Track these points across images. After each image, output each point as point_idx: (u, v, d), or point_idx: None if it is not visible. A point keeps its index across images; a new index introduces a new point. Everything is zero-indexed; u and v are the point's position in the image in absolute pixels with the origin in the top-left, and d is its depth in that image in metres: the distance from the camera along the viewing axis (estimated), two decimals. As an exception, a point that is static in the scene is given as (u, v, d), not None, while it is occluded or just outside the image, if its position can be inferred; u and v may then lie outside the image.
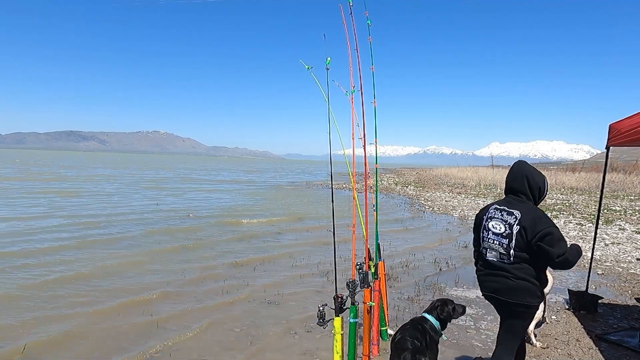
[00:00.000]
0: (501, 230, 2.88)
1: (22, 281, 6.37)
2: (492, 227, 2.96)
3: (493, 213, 3.00)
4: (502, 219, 2.91)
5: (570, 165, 59.24)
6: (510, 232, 2.83)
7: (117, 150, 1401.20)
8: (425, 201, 20.55)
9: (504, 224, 2.88)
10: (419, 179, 39.87)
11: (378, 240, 4.56)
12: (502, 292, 2.89)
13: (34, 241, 9.02)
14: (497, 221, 2.94)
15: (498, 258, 2.90)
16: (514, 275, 2.83)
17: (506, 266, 2.87)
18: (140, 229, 11.01)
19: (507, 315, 2.99)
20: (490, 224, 2.97)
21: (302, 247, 9.51)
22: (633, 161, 41.68)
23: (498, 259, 2.90)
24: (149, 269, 7.37)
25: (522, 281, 2.83)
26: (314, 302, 5.58)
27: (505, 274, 2.87)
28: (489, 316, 5.51)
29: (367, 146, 4.06)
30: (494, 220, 2.96)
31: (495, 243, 2.91)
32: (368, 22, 4.11)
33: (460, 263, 8.44)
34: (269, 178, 41.94)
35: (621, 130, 4.81)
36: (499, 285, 2.91)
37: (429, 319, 3.39)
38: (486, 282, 3.03)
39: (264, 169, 74.55)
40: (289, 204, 18.46)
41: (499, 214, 2.95)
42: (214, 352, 4.37)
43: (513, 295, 2.85)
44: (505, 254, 2.86)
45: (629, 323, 5.27)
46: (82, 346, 4.42)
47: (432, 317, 3.41)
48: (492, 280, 2.96)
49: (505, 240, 2.86)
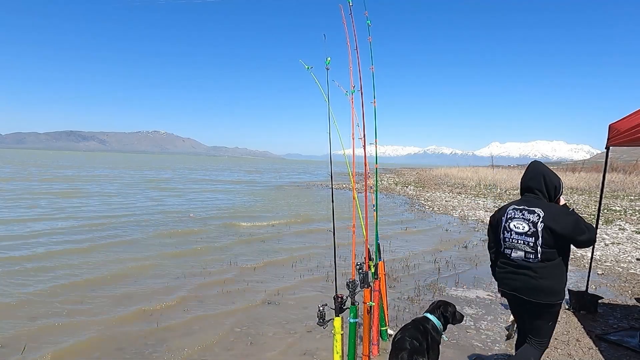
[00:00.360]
0: (525, 229, 2.91)
1: (26, 288, 6.36)
2: (513, 227, 2.98)
3: (513, 213, 3.03)
4: (523, 218, 2.94)
5: (570, 165, 59.27)
6: (536, 230, 2.87)
7: (117, 150, 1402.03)
8: (425, 201, 20.55)
9: (527, 223, 2.91)
10: (419, 179, 39.87)
11: (378, 240, 4.55)
12: (524, 291, 2.93)
13: (38, 245, 8.98)
14: (518, 221, 2.96)
15: (523, 257, 2.92)
16: (539, 274, 2.87)
17: (531, 265, 2.89)
18: (142, 229, 11.02)
19: (531, 315, 3.02)
20: (512, 224, 2.99)
21: (302, 247, 9.52)
22: (633, 161, 41.66)
23: (523, 258, 2.92)
24: (149, 269, 7.37)
25: (546, 280, 2.86)
26: (314, 302, 5.57)
27: (528, 273, 2.90)
28: (489, 316, 5.52)
29: (367, 146, 4.06)
30: (515, 220, 2.99)
31: (520, 242, 2.93)
32: (368, 22, 4.11)
33: (460, 263, 8.44)
34: (269, 178, 41.94)
35: (620, 130, 4.80)
36: (520, 284, 2.94)
37: (430, 319, 3.39)
38: (507, 280, 3.05)
39: (264, 169, 74.56)
40: (289, 204, 18.47)
41: (519, 213, 2.98)
42: (214, 352, 4.37)
43: (535, 294, 2.88)
44: (532, 252, 2.88)
45: (629, 323, 5.27)
46: (81, 346, 4.42)
47: (434, 317, 3.41)
48: (514, 278, 2.99)
49: (530, 238, 2.88)
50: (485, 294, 6.52)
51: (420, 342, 3.11)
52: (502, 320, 5.34)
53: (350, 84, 3.85)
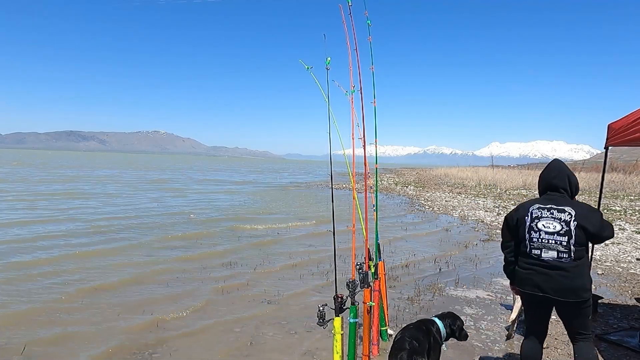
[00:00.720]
0: (557, 228, 2.88)
1: (32, 295, 6.35)
2: (543, 227, 2.94)
3: (539, 213, 2.98)
4: (553, 217, 2.91)
5: (570, 165, 59.25)
6: (569, 229, 2.86)
7: (117, 150, 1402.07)
8: (425, 201, 20.55)
9: (559, 222, 2.89)
10: (419, 179, 39.86)
11: (378, 240, 4.56)
12: (559, 293, 2.89)
13: (38, 249, 8.94)
14: (548, 220, 2.93)
15: (556, 257, 2.89)
16: (571, 273, 2.86)
17: (564, 265, 2.87)
18: (143, 231, 11.03)
19: (570, 315, 3.00)
20: (540, 224, 2.95)
21: (302, 247, 9.52)
22: (633, 161, 41.68)
23: (556, 258, 2.89)
24: (149, 268, 7.37)
25: (579, 279, 2.86)
26: (314, 302, 5.57)
27: (562, 273, 2.87)
28: (489, 316, 5.52)
29: (367, 146, 4.05)
30: (543, 219, 2.95)
31: (551, 242, 2.90)
32: (368, 22, 4.11)
33: (460, 263, 8.44)
34: (270, 178, 41.93)
35: (619, 130, 4.81)
36: (554, 285, 2.89)
37: (437, 322, 3.43)
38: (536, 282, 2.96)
39: (264, 169, 74.56)
40: (289, 204, 18.47)
41: (547, 212, 2.95)
42: (214, 352, 4.37)
43: (571, 294, 2.87)
44: (566, 251, 2.86)
45: (629, 323, 5.27)
46: (80, 346, 4.42)
47: (441, 322, 3.45)
48: (546, 280, 2.92)
49: (563, 238, 2.87)
50: (485, 294, 6.52)
51: (420, 342, 3.11)
52: (502, 320, 5.34)
53: (350, 84, 3.85)
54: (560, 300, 2.91)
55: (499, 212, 16.28)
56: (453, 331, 3.50)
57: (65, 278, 6.65)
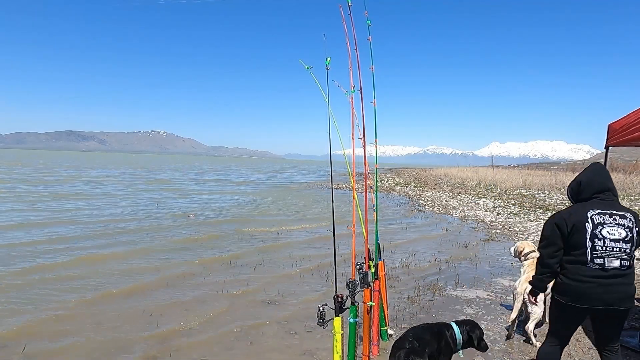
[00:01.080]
0: (622, 235, 2.75)
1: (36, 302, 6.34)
2: (607, 234, 2.74)
3: (602, 219, 2.78)
4: (617, 223, 2.77)
5: (571, 165, 59.29)
6: (632, 236, 2.76)
7: (117, 150, 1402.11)
8: (425, 201, 20.55)
9: (624, 229, 2.76)
10: (419, 179, 39.86)
11: (378, 240, 4.56)
12: (620, 302, 2.75)
13: (42, 253, 8.95)
14: (612, 227, 2.76)
15: (618, 265, 2.73)
16: (629, 281, 2.77)
17: (624, 272, 2.75)
18: (144, 232, 11.03)
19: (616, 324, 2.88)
20: (605, 231, 2.75)
21: (302, 247, 9.52)
22: (633, 161, 41.67)
23: (618, 267, 2.73)
24: (148, 268, 7.38)
25: (633, 285, 2.79)
26: (314, 302, 5.57)
27: (622, 281, 2.75)
28: (489, 316, 5.52)
29: (367, 146, 4.06)
30: (607, 226, 2.76)
31: (616, 250, 2.73)
32: (368, 22, 4.11)
33: (460, 263, 8.44)
34: (270, 178, 41.92)
35: (619, 130, 4.81)
36: (617, 296, 2.74)
37: (453, 327, 3.39)
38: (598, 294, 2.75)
39: (265, 169, 74.55)
40: (289, 204, 18.46)
41: (609, 219, 2.78)
42: (214, 352, 4.37)
43: (629, 302, 2.78)
44: (628, 259, 2.75)
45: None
46: (79, 347, 4.43)
47: (457, 328, 3.40)
48: (609, 290, 2.74)
49: (627, 245, 2.75)
50: (485, 294, 6.52)
51: (423, 342, 3.09)
52: (502, 320, 5.35)
53: (350, 84, 3.85)
54: (621, 309, 2.76)
55: (499, 212, 16.28)
56: (471, 339, 3.41)
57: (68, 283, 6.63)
